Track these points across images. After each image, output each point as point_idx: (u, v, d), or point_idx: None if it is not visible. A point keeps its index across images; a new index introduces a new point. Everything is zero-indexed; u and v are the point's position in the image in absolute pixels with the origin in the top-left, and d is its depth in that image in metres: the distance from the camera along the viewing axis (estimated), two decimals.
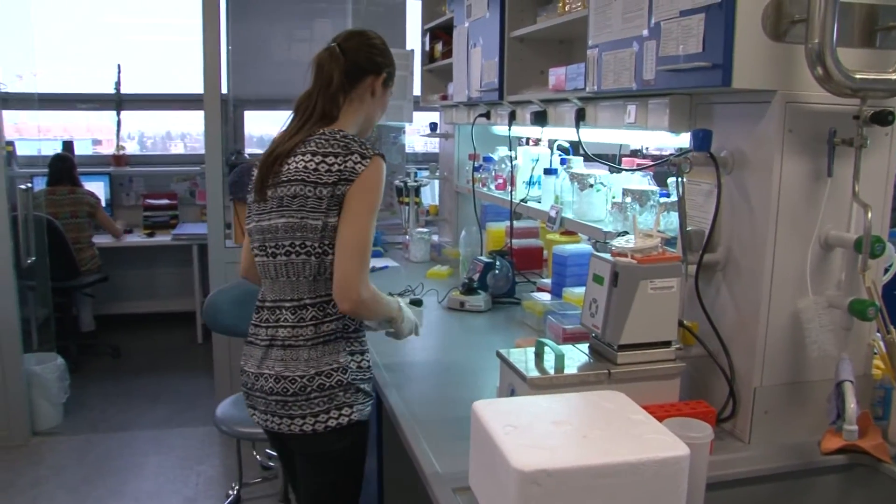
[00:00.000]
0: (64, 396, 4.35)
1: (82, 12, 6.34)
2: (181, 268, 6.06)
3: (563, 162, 2.79)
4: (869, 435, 1.63)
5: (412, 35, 5.23)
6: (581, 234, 3.08)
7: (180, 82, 6.10)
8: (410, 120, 4.25)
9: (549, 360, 1.65)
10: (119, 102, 6.19)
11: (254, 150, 6.11)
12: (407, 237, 3.89)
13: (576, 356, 1.72)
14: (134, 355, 5.61)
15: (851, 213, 1.65)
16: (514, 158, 3.08)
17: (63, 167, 5.37)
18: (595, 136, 2.37)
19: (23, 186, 4.12)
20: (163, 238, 5.74)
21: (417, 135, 6.07)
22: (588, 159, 2.50)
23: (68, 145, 5.94)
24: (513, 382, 1.66)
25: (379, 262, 3.69)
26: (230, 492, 3.52)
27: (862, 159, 1.58)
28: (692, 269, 1.73)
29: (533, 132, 3.06)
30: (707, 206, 1.77)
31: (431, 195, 4.57)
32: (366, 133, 2.12)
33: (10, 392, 4.02)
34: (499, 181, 3.28)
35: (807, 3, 1.46)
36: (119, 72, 6.13)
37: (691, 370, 1.81)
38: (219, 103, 4.00)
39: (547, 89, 2.51)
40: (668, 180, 2.25)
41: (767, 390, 1.68)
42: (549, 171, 2.80)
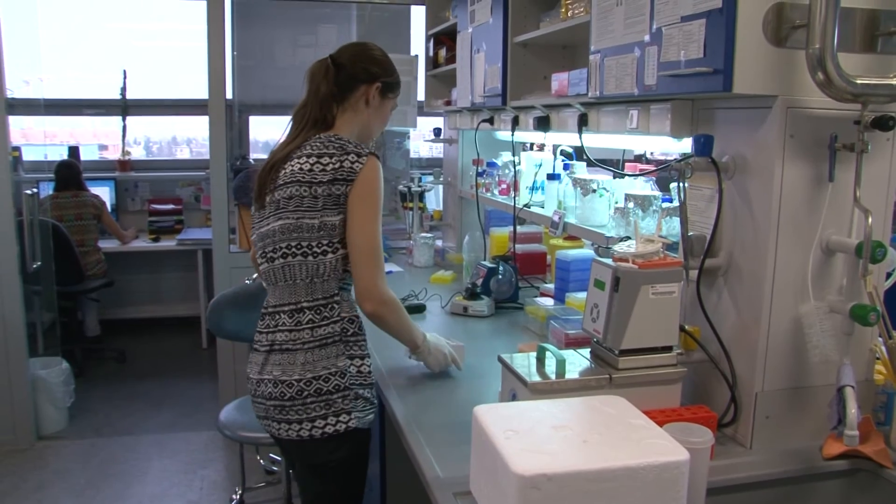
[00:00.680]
0: (69, 400, 4.37)
1: (88, 18, 6.37)
2: (186, 273, 6.08)
3: (567, 167, 2.79)
4: (871, 440, 1.63)
5: (416, 41, 5.25)
6: (584, 240, 3.09)
7: (186, 88, 6.12)
8: (414, 125, 4.26)
9: (551, 365, 1.65)
10: (125, 108, 6.22)
11: (259, 156, 6.13)
12: (411, 242, 3.90)
13: (577, 361, 1.72)
14: (139, 360, 5.63)
15: (853, 218, 1.65)
16: (518, 164, 3.08)
17: (69, 174, 5.40)
18: (598, 142, 2.38)
19: (28, 191, 4.13)
20: (168, 243, 5.76)
21: (422, 140, 6.08)
22: (591, 164, 2.50)
23: (74, 151, 5.96)
24: (514, 387, 1.66)
25: None
26: (234, 496, 3.53)
27: (863, 164, 1.58)
28: (694, 275, 1.73)
29: (536, 137, 3.07)
30: (709, 212, 1.77)
31: (436, 200, 4.58)
32: (365, 142, 2.12)
33: (16, 396, 4.03)
34: (502, 186, 3.28)
35: (807, 9, 1.47)
36: (125, 77, 6.16)
37: (693, 375, 1.81)
38: (223, 109, 4.02)
39: (550, 94, 2.51)
40: (671, 185, 2.26)
41: (769, 395, 1.68)
42: (553, 177, 2.80)
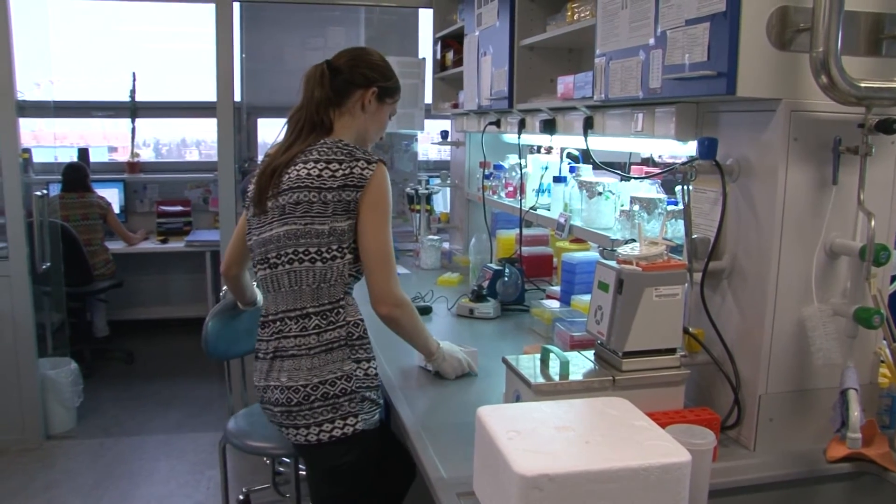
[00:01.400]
0: (77, 401, 4.39)
1: (98, 21, 6.41)
2: (194, 274, 6.10)
3: (573, 170, 2.80)
4: (875, 443, 1.63)
5: (424, 44, 5.26)
6: (590, 242, 3.10)
7: (195, 90, 6.15)
8: (422, 128, 4.27)
9: (555, 367, 1.66)
10: (134, 110, 6.25)
11: None
12: (418, 244, 3.91)
13: (581, 363, 1.73)
14: (147, 361, 5.65)
15: (857, 221, 1.65)
16: (524, 166, 3.09)
17: (76, 177, 5.42)
18: (604, 145, 2.38)
19: (38, 193, 4.16)
20: (176, 244, 5.78)
21: (430, 143, 6.09)
22: (597, 167, 2.51)
23: (83, 153, 6.00)
24: (518, 389, 1.67)
25: None
26: (240, 496, 3.54)
27: (867, 167, 1.58)
28: (697, 277, 1.74)
29: (543, 140, 3.08)
30: (713, 214, 1.78)
31: (443, 203, 4.59)
32: (363, 147, 2.10)
33: (25, 396, 4.06)
34: (509, 189, 3.29)
35: (811, 12, 1.47)
36: (134, 80, 6.19)
37: (696, 377, 1.82)
38: (231, 111, 4.03)
39: (556, 97, 2.52)
40: (676, 188, 2.26)
41: (772, 398, 1.68)
42: (559, 179, 2.81)
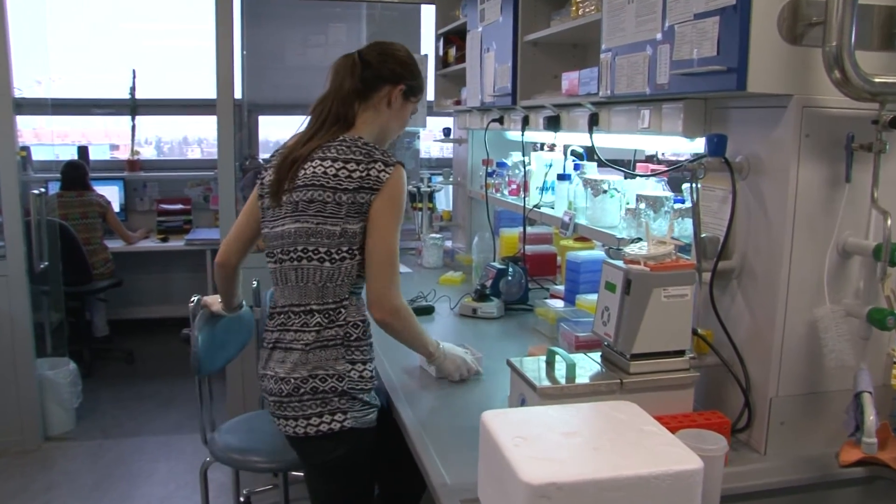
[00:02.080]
0: (76, 401, 4.35)
1: (98, 18, 6.37)
2: (195, 273, 6.05)
3: (577, 167, 2.76)
4: (889, 447, 1.59)
5: (427, 40, 5.23)
6: (595, 241, 3.06)
7: (196, 87, 6.11)
8: (424, 125, 4.24)
9: (561, 370, 1.62)
10: (134, 107, 6.21)
11: (267, 156, 6.09)
12: (420, 243, 3.87)
13: (587, 365, 1.69)
14: (147, 360, 5.62)
15: (870, 220, 1.61)
16: (528, 164, 3.05)
17: (75, 175, 5.38)
18: (609, 142, 2.35)
19: (36, 191, 4.12)
20: (176, 243, 5.73)
21: (432, 140, 6.05)
22: (602, 165, 2.47)
23: (83, 150, 5.96)
24: (523, 392, 1.63)
25: None
26: (241, 498, 3.51)
27: (881, 165, 1.54)
28: (707, 277, 1.70)
29: (546, 137, 3.04)
30: (722, 213, 1.74)
31: (445, 201, 4.55)
32: (381, 144, 2.09)
33: (23, 397, 4.02)
34: (512, 187, 3.25)
35: (824, 6, 1.43)
36: (134, 77, 6.15)
37: (705, 379, 1.78)
38: (232, 108, 3.99)
39: (560, 94, 2.48)
40: (683, 186, 2.22)
41: (783, 401, 1.65)
42: (563, 177, 2.77)
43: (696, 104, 1.79)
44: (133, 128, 6.25)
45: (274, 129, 6.42)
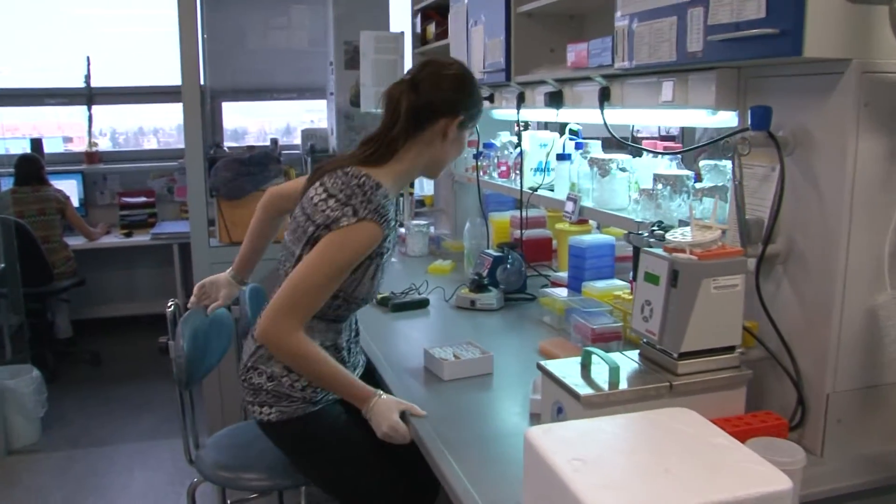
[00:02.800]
0: (41, 411, 4.09)
1: (49, 4, 6.03)
2: (161, 268, 5.82)
3: (579, 147, 2.58)
4: None
5: (396, 17, 4.99)
6: (592, 222, 2.90)
7: (153, 74, 5.83)
8: None
9: (601, 373, 1.45)
10: (90, 97, 5.90)
11: (232, 144, 5.86)
12: (403, 230, 3.68)
13: (626, 365, 1.52)
14: (115, 362, 5.35)
15: None
16: (519, 144, 2.87)
17: (30, 169, 5.09)
18: (611, 118, 2.17)
19: None
20: (141, 238, 5.47)
21: None
22: (620, 145, 2.29)
23: (37, 143, 5.65)
24: (560, 400, 1.46)
25: None
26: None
27: None
28: (752, 264, 1.54)
29: (541, 115, 2.86)
30: (762, 192, 1.58)
31: (425, 185, 4.35)
32: (431, 175, 2.09)
33: None
34: (502, 168, 3.08)
35: None
36: (88, 64, 5.84)
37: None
38: (198, 95, 3.75)
39: (561, 67, 2.31)
40: (701, 164, 2.06)
41: (840, 396, 1.50)
42: (563, 157, 2.59)
43: (730, 73, 1.63)
44: (90, 118, 5.94)
45: (238, 116, 6.17)
